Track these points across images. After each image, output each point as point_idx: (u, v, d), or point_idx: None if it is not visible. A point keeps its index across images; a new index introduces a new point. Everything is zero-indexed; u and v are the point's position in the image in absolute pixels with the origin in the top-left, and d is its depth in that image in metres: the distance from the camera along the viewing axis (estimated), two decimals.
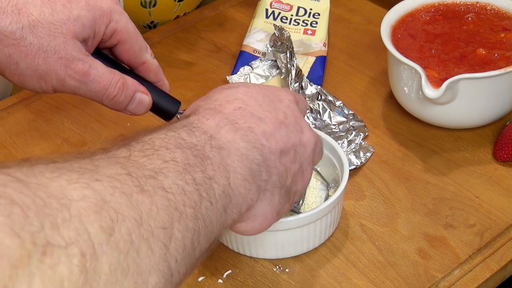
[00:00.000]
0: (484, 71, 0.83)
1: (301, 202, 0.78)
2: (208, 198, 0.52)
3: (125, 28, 0.69)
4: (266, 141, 0.60)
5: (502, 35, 0.88)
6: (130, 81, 0.70)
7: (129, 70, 0.72)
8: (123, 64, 0.72)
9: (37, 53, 0.65)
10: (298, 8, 1.04)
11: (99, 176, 0.44)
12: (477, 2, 0.93)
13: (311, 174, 0.67)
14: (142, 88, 0.71)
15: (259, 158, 0.59)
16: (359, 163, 0.85)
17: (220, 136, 0.57)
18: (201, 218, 0.50)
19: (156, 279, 0.44)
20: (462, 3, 0.93)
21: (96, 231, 0.40)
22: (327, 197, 0.79)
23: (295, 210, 0.77)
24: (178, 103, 0.73)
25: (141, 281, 0.43)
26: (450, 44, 0.88)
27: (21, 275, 0.36)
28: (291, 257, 0.76)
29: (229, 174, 0.55)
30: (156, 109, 0.72)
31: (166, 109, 0.72)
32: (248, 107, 0.61)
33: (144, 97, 0.71)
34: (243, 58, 0.99)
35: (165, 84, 0.74)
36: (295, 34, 1.01)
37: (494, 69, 0.82)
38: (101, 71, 0.67)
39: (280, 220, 0.72)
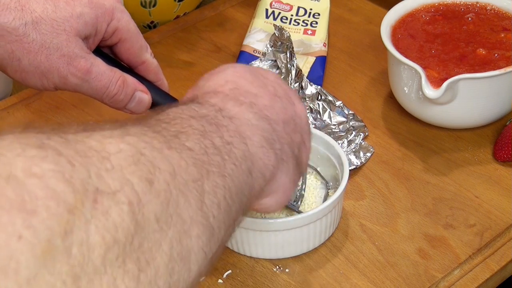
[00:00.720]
0: (484, 71, 0.83)
1: (300, 202, 0.78)
2: (231, 161, 0.52)
3: (126, 27, 0.69)
4: (269, 113, 0.60)
5: (502, 35, 0.88)
6: (130, 79, 0.70)
7: (129, 69, 0.72)
8: (122, 63, 0.72)
9: (39, 50, 0.65)
10: (298, 8, 1.04)
11: (129, 132, 0.44)
12: (477, 2, 0.93)
13: (310, 146, 0.67)
14: (142, 87, 0.71)
15: (269, 128, 0.59)
16: (359, 163, 0.85)
17: (228, 108, 0.57)
18: (228, 177, 0.50)
19: (198, 230, 0.45)
20: (462, 3, 0.93)
21: (137, 181, 0.41)
22: (326, 197, 0.79)
23: (295, 210, 0.77)
24: (177, 102, 0.73)
25: (183, 231, 0.43)
26: (450, 44, 0.88)
27: (78, 221, 0.36)
28: (291, 257, 0.75)
29: (246, 141, 0.56)
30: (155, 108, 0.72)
31: None
32: (241, 86, 0.61)
33: (144, 96, 0.71)
34: (243, 58, 0.99)
35: (164, 84, 0.74)
36: (295, 34, 1.00)
37: (494, 69, 0.82)
38: (102, 69, 0.68)
39: (280, 220, 0.73)
